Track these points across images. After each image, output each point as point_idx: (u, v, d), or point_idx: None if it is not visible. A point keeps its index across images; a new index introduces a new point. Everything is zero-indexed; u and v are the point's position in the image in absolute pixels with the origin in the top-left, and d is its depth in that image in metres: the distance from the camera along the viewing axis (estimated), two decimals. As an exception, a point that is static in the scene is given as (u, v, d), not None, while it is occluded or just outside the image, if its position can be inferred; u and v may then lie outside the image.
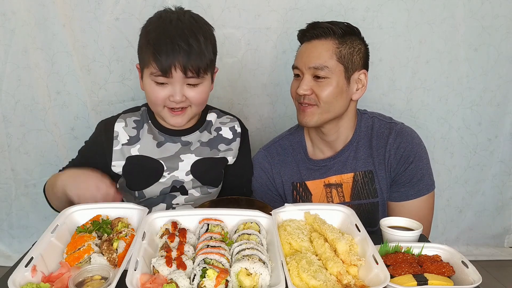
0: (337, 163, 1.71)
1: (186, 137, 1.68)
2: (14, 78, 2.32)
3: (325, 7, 2.32)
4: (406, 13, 2.36)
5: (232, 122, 1.76)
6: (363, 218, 1.68)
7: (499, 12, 2.39)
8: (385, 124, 1.70)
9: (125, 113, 1.71)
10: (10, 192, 2.54)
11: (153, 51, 1.46)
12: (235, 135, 1.74)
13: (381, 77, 2.45)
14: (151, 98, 1.55)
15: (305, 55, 1.61)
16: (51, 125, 2.41)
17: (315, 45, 1.60)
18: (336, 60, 1.57)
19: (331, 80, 1.57)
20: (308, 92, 1.59)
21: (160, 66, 1.45)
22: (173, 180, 1.64)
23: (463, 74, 2.49)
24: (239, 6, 2.29)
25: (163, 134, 1.67)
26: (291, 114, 2.47)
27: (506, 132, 2.63)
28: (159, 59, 1.45)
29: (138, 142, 1.65)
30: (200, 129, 1.70)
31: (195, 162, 1.66)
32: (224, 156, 1.70)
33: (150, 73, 1.50)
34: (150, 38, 1.49)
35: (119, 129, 1.65)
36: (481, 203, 2.77)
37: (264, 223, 1.28)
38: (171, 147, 1.66)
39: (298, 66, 1.63)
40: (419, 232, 1.30)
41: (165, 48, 1.44)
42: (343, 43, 1.59)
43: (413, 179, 1.64)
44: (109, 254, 1.15)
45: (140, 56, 1.55)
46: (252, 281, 1.05)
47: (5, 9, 2.23)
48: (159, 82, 1.51)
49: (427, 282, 1.05)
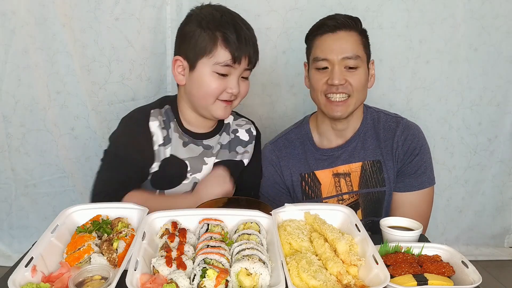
0: (344, 152, 1.74)
1: (207, 141, 1.67)
2: (14, 78, 2.32)
3: (325, 7, 2.32)
4: (406, 13, 2.36)
5: (247, 124, 1.77)
6: (371, 207, 1.74)
7: (499, 12, 2.39)
8: (392, 118, 1.77)
9: (153, 109, 1.62)
10: (10, 192, 2.53)
11: (224, 38, 1.45)
12: (251, 138, 1.74)
13: (381, 77, 2.45)
14: (207, 89, 1.51)
15: (334, 46, 1.61)
16: (51, 125, 2.41)
17: (342, 35, 1.62)
18: (363, 50, 1.63)
19: (361, 69, 1.63)
20: (343, 81, 1.60)
21: (232, 53, 1.45)
22: (194, 182, 1.63)
23: (463, 74, 2.49)
24: (239, 6, 2.28)
25: (186, 135, 1.65)
26: (291, 114, 2.47)
27: (506, 132, 2.63)
28: (233, 46, 1.44)
29: (170, 143, 1.61)
30: (220, 132, 1.70)
31: (215, 164, 1.65)
32: (241, 159, 1.70)
33: (215, 62, 1.47)
34: (216, 25, 1.46)
35: (154, 129, 1.58)
36: (481, 203, 2.77)
37: (264, 223, 1.28)
38: (195, 148, 1.64)
39: (328, 58, 1.62)
40: (419, 232, 1.30)
41: (239, 35, 1.45)
42: (362, 33, 1.66)
43: (417, 171, 1.70)
44: (109, 254, 1.15)
45: (195, 46, 1.49)
46: (252, 281, 1.05)
47: (5, 9, 2.23)
48: (221, 73, 1.49)
49: (427, 282, 1.05)
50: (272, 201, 1.76)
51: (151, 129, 1.58)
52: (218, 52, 1.46)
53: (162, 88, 2.41)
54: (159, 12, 2.28)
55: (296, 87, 2.43)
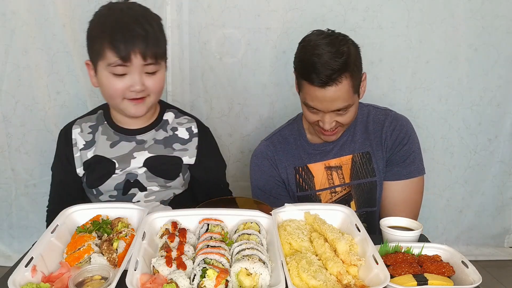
0: (335, 146, 1.78)
1: (141, 136, 1.67)
2: (14, 78, 2.32)
3: (325, 7, 2.32)
4: (406, 13, 2.36)
5: (189, 122, 1.74)
6: (363, 198, 1.77)
7: (499, 12, 2.39)
8: (381, 111, 1.80)
9: (80, 119, 1.71)
10: (10, 192, 2.53)
11: (110, 40, 1.43)
12: (192, 136, 1.72)
13: (381, 77, 2.45)
14: (109, 91, 1.51)
15: (324, 101, 1.57)
16: (51, 125, 2.41)
17: (331, 91, 1.54)
18: (352, 94, 1.59)
19: (352, 108, 1.63)
20: (333, 125, 1.64)
21: (119, 53, 1.43)
22: (126, 173, 1.63)
23: (463, 74, 2.49)
24: (239, 6, 2.29)
25: (118, 133, 1.66)
26: (291, 114, 2.45)
27: (506, 132, 2.63)
28: (118, 47, 1.42)
29: (93, 145, 1.65)
30: (156, 128, 1.69)
31: (148, 158, 1.65)
32: (178, 155, 1.68)
33: (107, 64, 1.46)
34: (104, 28, 1.46)
35: (75, 135, 1.66)
36: (481, 203, 2.76)
37: (264, 223, 1.28)
38: (125, 145, 1.65)
39: (318, 108, 1.60)
40: (419, 232, 1.30)
41: (122, 34, 1.42)
42: (351, 73, 1.54)
43: (406, 160, 1.73)
44: (109, 254, 1.15)
45: (92, 50, 1.51)
46: (252, 281, 1.05)
47: (5, 9, 2.23)
48: (117, 73, 1.47)
49: (427, 282, 1.05)
50: (269, 195, 1.79)
51: (72, 137, 1.66)
52: (107, 54, 1.44)
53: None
54: (159, 12, 2.24)
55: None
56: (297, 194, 1.81)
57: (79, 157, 1.65)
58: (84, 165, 1.64)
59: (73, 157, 1.65)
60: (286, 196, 1.81)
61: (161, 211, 1.33)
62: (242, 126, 2.51)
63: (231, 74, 2.41)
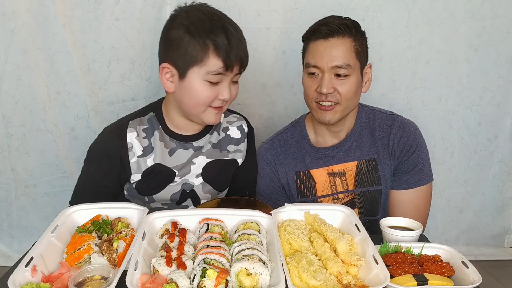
0: (340, 151, 1.75)
1: (197, 142, 1.64)
2: (14, 78, 2.32)
3: (325, 7, 2.32)
4: (406, 13, 2.36)
5: (239, 121, 1.73)
6: (367, 206, 1.74)
7: (499, 12, 2.39)
8: (387, 116, 1.76)
9: (132, 120, 1.60)
10: (10, 192, 2.53)
11: (215, 46, 1.38)
12: (243, 135, 1.71)
13: (381, 77, 2.45)
14: (199, 98, 1.46)
15: (325, 53, 1.58)
16: (51, 125, 2.41)
17: (334, 43, 1.58)
18: (355, 58, 1.59)
19: (351, 77, 1.60)
20: (331, 90, 1.59)
21: (225, 62, 1.39)
22: (183, 183, 1.61)
23: (463, 74, 2.49)
24: (239, 6, 2.29)
25: (174, 140, 1.61)
26: (291, 114, 2.47)
27: (506, 132, 2.63)
28: (225, 54, 1.39)
29: (152, 152, 1.58)
30: (210, 132, 1.67)
31: (207, 164, 1.63)
32: (234, 158, 1.68)
33: (206, 71, 1.41)
34: (206, 33, 1.39)
35: (132, 140, 1.56)
36: (481, 203, 2.76)
37: (264, 223, 1.28)
38: (183, 153, 1.61)
39: (318, 65, 1.60)
40: (419, 232, 1.30)
41: (229, 42, 1.39)
42: (356, 39, 1.60)
43: (415, 168, 1.70)
44: (109, 254, 1.15)
45: (184, 54, 1.42)
46: (252, 281, 1.05)
47: (5, 9, 2.22)
48: (213, 81, 1.43)
49: (427, 282, 1.05)
50: (268, 199, 1.77)
51: (127, 141, 1.56)
52: (210, 61, 1.40)
53: (162, 88, 2.40)
54: (159, 12, 2.28)
55: (296, 87, 2.43)
56: (297, 200, 1.78)
57: (136, 163, 1.56)
58: (144, 173, 1.57)
59: (129, 162, 1.55)
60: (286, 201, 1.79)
61: (161, 211, 1.33)
62: (242, 126, 2.51)
63: (231, 74, 2.41)
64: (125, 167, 1.56)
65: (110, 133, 1.60)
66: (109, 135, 1.60)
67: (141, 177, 1.58)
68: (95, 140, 1.65)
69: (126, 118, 1.62)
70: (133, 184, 1.60)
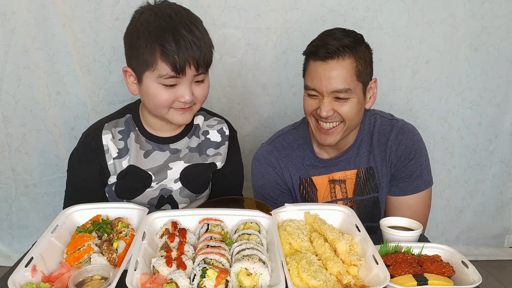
0: (342, 161, 1.73)
1: (174, 145, 1.61)
2: (14, 78, 2.32)
3: (325, 7, 2.32)
4: (406, 13, 2.36)
5: (220, 124, 1.69)
6: (365, 214, 1.72)
7: (499, 12, 2.39)
8: (387, 121, 1.72)
9: (108, 123, 1.59)
10: (10, 192, 2.54)
11: (162, 51, 1.35)
12: (224, 138, 1.67)
13: (381, 77, 2.44)
14: (157, 102, 1.44)
15: (324, 77, 1.52)
16: (51, 125, 2.41)
17: (333, 66, 1.51)
18: (355, 80, 1.54)
19: (352, 99, 1.55)
20: (330, 113, 1.55)
21: (173, 66, 1.35)
22: (161, 189, 1.59)
23: (463, 74, 2.49)
24: (239, 6, 2.29)
25: (151, 142, 1.59)
26: (291, 114, 2.47)
27: (506, 132, 2.63)
28: (173, 59, 1.35)
29: (127, 153, 1.57)
30: (188, 135, 1.63)
31: (184, 169, 1.61)
32: (213, 161, 1.65)
33: (157, 75, 1.38)
34: (154, 37, 1.36)
35: (107, 142, 1.56)
36: (481, 203, 2.77)
37: (264, 223, 1.28)
38: (159, 156, 1.59)
39: (317, 89, 1.55)
40: (419, 232, 1.30)
41: (177, 45, 1.34)
42: (358, 58, 1.54)
43: (412, 175, 1.68)
44: (109, 254, 1.15)
45: (138, 59, 1.41)
46: (252, 281, 1.05)
47: (5, 9, 2.23)
48: (168, 84, 1.40)
49: (427, 282, 1.05)
50: (275, 202, 1.72)
51: (103, 143, 1.55)
52: (159, 65, 1.36)
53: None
54: (159, 12, 2.28)
55: (296, 87, 2.43)
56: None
57: (113, 165, 1.56)
58: (119, 175, 1.57)
59: (106, 164, 1.56)
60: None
61: (161, 211, 1.33)
62: (242, 126, 2.50)
63: (231, 74, 2.41)
64: (103, 169, 1.57)
65: (86, 137, 1.60)
66: (85, 139, 1.60)
67: (117, 179, 1.57)
68: (74, 148, 1.64)
69: (102, 121, 1.61)
70: (112, 187, 1.60)
